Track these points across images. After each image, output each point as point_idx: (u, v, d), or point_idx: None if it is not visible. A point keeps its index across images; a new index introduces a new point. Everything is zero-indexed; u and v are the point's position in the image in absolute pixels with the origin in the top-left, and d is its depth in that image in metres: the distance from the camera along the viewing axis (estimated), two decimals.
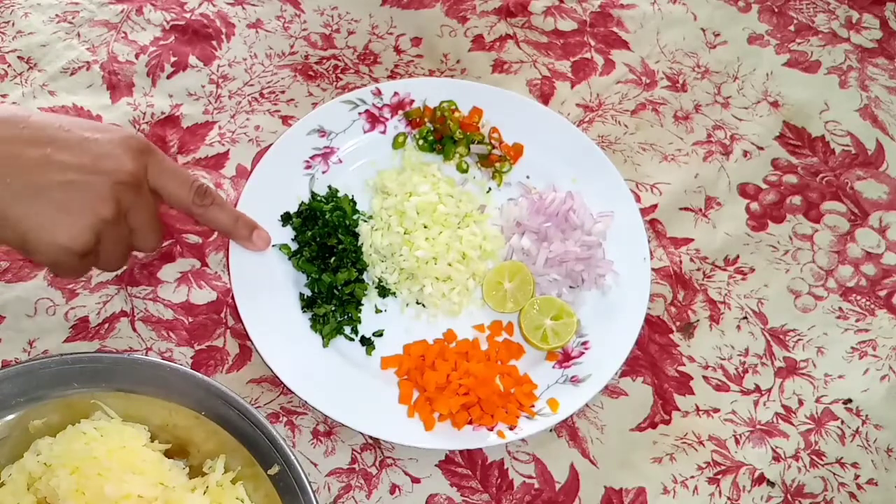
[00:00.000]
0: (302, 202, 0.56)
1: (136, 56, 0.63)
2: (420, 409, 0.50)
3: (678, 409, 0.53)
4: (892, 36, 0.70)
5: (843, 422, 0.53)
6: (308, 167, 0.57)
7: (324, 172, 0.57)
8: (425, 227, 0.54)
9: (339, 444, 0.50)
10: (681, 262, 0.58)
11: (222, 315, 0.53)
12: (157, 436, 0.46)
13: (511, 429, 0.49)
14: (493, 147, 0.59)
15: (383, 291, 0.54)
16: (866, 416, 0.54)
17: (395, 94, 0.59)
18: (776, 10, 0.71)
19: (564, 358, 0.52)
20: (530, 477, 0.50)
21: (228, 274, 0.53)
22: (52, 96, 0.60)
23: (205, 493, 0.44)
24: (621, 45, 0.68)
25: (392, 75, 0.64)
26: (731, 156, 0.63)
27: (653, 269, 0.57)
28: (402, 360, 0.52)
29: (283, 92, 0.62)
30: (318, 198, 0.56)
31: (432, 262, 0.53)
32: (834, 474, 0.52)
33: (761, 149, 0.64)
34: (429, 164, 0.58)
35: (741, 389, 0.54)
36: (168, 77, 0.62)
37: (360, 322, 0.53)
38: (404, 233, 0.54)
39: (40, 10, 0.64)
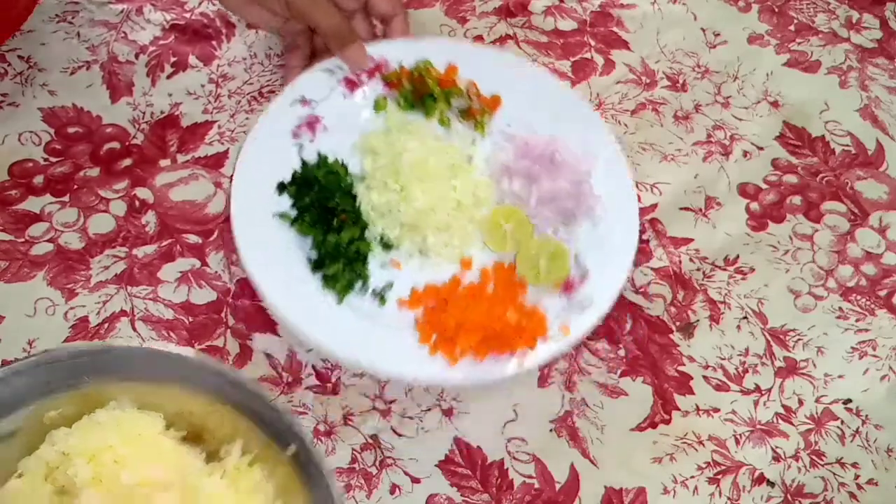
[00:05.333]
0: (294, 171, 0.56)
1: (136, 56, 0.63)
2: (441, 347, 0.51)
3: (678, 409, 0.53)
4: (892, 36, 0.70)
5: (842, 422, 0.53)
6: (296, 136, 0.57)
7: (311, 141, 0.57)
8: (419, 180, 0.55)
9: (339, 443, 0.50)
10: (680, 262, 0.58)
11: (222, 315, 0.53)
12: (172, 423, 0.46)
13: (531, 349, 0.50)
14: (473, 101, 0.59)
15: (386, 246, 0.55)
16: (866, 416, 0.54)
17: (371, 58, 0.59)
18: (776, 9, 0.71)
19: (566, 287, 0.54)
20: (530, 477, 0.50)
21: (229, 267, 0.53)
22: (52, 96, 0.60)
23: (222, 477, 0.44)
24: (621, 44, 0.68)
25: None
26: (730, 156, 0.63)
27: (652, 269, 0.58)
28: (420, 299, 0.53)
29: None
30: (310, 165, 0.56)
31: (431, 213, 0.55)
32: (834, 474, 0.52)
33: (761, 149, 0.64)
34: (412, 122, 0.59)
35: (741, 389, 0.54)
36: (168, 77, 0.62)
37: (369, 277, 0.54)
38: (400, 189, 0.55)
39: (40, 10, 0.64)
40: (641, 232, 0.59)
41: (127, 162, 0.58)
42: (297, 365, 0.52)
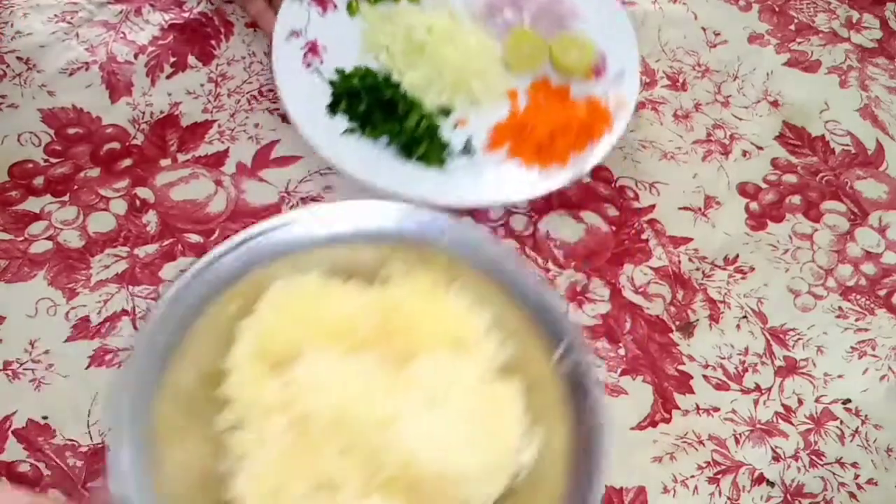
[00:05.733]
0: (332, 92, 0.58)
1: (135, 56, 0.62)
2: (541, 159, 0.58)
3: (678, 408, 0.53)
4: (892, 36, 0.70)
5: (842, 422, 0.54)
6: (308, 66, 0.59)
7: (321, 63, 0.59)
8: (442, 43, 0.60)
9: None
10: (680, 261, 0.58)
11: None
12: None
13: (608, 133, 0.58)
14: None
15: (445, 112, 0.59)
16: (866, 415, 0.54)
17: None
18: (777, 9, 0.71)
19: (597, 72, 0.61)
20: None
21: None
22: (51, 97, 0.60)
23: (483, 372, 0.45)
24: None
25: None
26: (730, 155, 0.63)
27: (651, 269, 0.58)
28: (500, 135, 0.59)
29: None
30: (339, 79, 0.59)
31: (466, 64, 0.59)
32: (833, 474, 0.52)
33: (761, 148, 0.64)
34: (389, 10, 0.62)
35: (741, 388, 0.54)
36: (167, 77, 0.62)
37: (449, 142, 0.58)
38: (429, 58, 0.59)
39: (39, 11, 0.63)
40: (640, 231, 0.59)
41: (127, 162, 0.58)
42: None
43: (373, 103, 0.57)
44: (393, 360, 0.44)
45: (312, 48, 0.60)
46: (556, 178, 0.57)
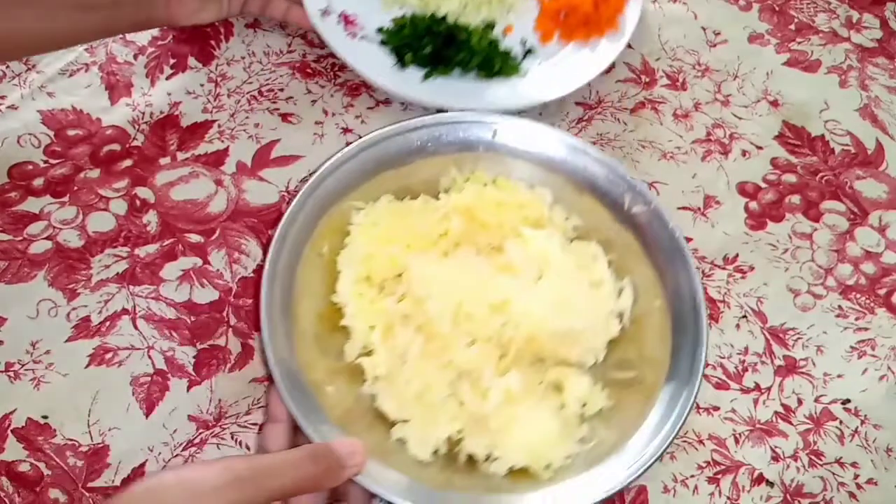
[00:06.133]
0: (391, 49, 0.61)
1: (135, 57, 0.62)
2: (587, 33, 0.63)
3: None
4: (892, 36, 0.70)
5: (841, 422, 0.54)
6: (352, 36, 0.61)
7: (363, 28, 0.62)
8: None
9: None
10: None
11: (224, 314, 0.53)
12: None
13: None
14: None
15: (489, 26, 0.63)
16: (865, 415, 0.54)
17: None
18: (777, 9, 0.71)
19: None
20: None
21: (231, 266, 0.53)
22: (51, 98, 0.60)
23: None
24: None
25: None
26: (730, 154, 0.63)
27: None
28: (548, 23, 0.64)
29: (281, 90, 0.62)
30: (393, 31, 0.62)
31: None
32: (833, 474, 0.52)
33: (760, 148, 0.64)
34: None
35: (741, 388, 0.54)
36: (167, 78, 0.62)
37: (511, 50, 0.62)
38: None
39: None
40: None
41: (127, 163, 0.58)
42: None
43: (435, 43, 0.60)
44: (486, 252, 0.51)
45: (346, 20, 0.61)
46: (616, 44, 0.62)
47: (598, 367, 0.50)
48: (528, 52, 0.63)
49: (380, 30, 0.62)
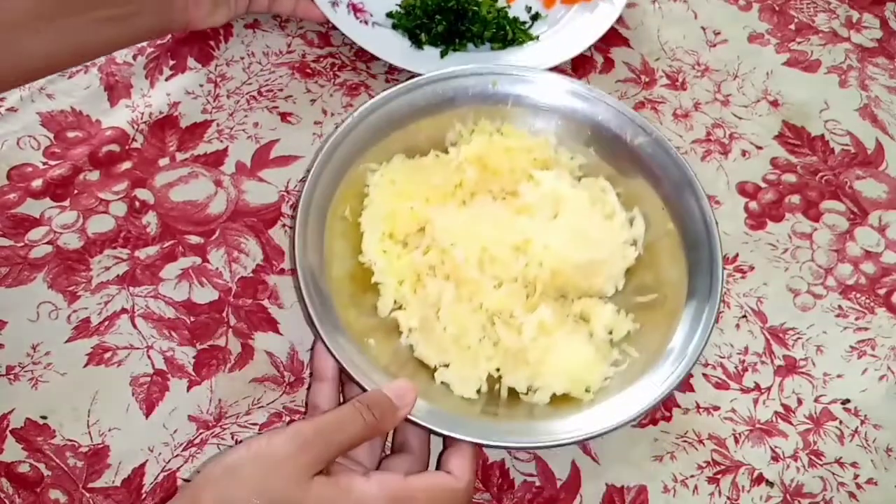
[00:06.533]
0: (406, 30, 0.62)
1: (134, 58, 0.62)
2: None
3: (679, 406, 0.53)
4: (892, 36, 0.70)
5: (841, 422, 0.54)
6: (365, 23, 0.62)
7: (371, 16, 0.63)
8: None
9: None
10: None
11: (224, 314, 0.53)
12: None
13: None
14: None
15: None
16: (865, 415, 0.54)
17: None
18: (777, 9, 0.71)
19: None
20: (531, 475, 0.50)
21: (230, 266, 0.53)
22: (50, 99, 0.60)
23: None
24: (621, 42, 0.68)
25: (390, 71, 0.64)
26: (729, 154, 0.63)
27: None
28: None
29: (280, 90, 0.62)
30: (403, 14, 0.63)
31: None
32: (833, 474, 0.52)
33: (760, 148, 0.64)
34: None
35: (741, 388, 0.54)
36: (167, 79, 0.62)
37: (518, 18, 0.64)
38: None
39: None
40: None
41: (126, 164, 0.58)
42: (299, 364, 0.52)
43: (447, 20, 0.62)
44: (502, 198, 0.53)
45: (355, 9, 0.62)
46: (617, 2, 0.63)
47: (619, 296, 0.52)
48: (535, 16, 0.65)
49: (389, 14, 0.63)
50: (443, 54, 0.62)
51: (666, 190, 0.54)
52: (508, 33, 0.63)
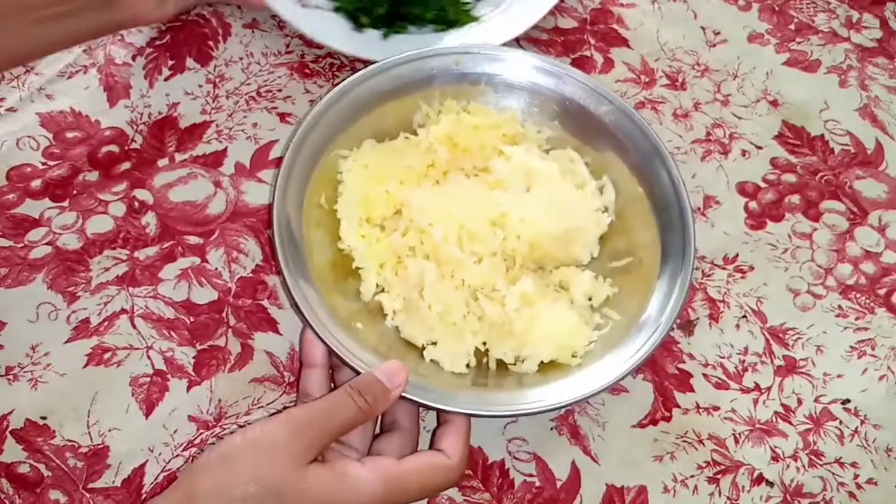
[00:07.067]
0: (345, 14, 0.61)
1: (133, 58, 0.62)
2: None
3: (678, 406, 0.53)
4: (892, 36, 0.70)
5: (841, 422, 0.54)
6: (304, 6, 0.61)
7: (315, 1, 0.61)
8: None
9: None
10: None
11: (223, 314, 0.53)
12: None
13: None
14: None
15: None
16: (865, 415, 0.54)
17: None
18: (776, 9, 0.71)
19: None
20: (531, 475, 0.50)
21: (230, 266, 0.53)
22: (50, 100, 0.60)
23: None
24: (621, 42, 0.67)
25: None
26: (729, 154, 0.63)
27: None
28: None
29: (279, 90, 0.62)
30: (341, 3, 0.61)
31: None
32: (833, 474, 0.52)
33: (760, 147, 0.64)
34: None
35: (741, 388, 0.54)
36: (165, 80, 0.62)
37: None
38: None
39: None
40: None
41: (126, 165, 0.58)
42: (299, 364, 0.52)
43: (387, 2, 0.60)
44: (474, 175, 0.54)
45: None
46: None
47: (595, 262, 0.54)
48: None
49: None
50: (384, 36, 0.61)
51: (633, 156, 0.55)
52: (450, 14, 0.61)
